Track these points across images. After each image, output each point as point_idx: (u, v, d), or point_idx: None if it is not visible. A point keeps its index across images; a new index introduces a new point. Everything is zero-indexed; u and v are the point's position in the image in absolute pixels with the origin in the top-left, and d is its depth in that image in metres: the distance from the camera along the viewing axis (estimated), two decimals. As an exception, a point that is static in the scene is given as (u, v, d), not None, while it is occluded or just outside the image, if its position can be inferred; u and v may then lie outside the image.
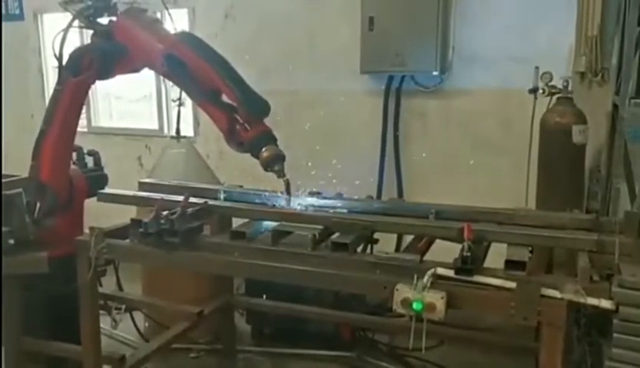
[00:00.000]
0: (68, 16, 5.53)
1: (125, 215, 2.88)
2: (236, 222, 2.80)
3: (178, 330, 3.44)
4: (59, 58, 2.87)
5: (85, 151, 3.34)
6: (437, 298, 2.03)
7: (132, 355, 3.16)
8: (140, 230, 2.49)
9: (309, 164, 4.98)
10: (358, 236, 2.38)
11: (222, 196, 2.87)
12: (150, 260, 2.77)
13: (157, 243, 2.48)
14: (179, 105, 4.75)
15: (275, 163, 2.61)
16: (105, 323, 4.26)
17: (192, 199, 2.70)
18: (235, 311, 4.09)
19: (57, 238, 2.79)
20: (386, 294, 2.13)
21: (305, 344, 4.02)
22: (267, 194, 2.85)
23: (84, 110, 5.84)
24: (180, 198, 2.65)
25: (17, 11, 5.90)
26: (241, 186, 3.24)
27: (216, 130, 5.38)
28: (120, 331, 4.27)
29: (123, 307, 4.18)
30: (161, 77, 5.49)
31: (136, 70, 2.91)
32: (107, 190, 3.07)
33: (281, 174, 2.61)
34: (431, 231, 2.38)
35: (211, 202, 2.71)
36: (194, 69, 2.56)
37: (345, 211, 2.68)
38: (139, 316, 4.21)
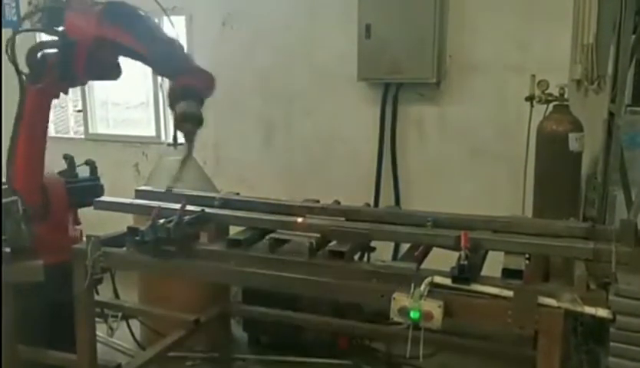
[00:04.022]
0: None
1: (124, 223, 2.87)
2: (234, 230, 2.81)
3: (174, 338, 3.43)
4: (14, 64, 2.81)
5: (85, 160, 3.32)
6: (435, 307, 2.03)
7: (128, 363, 3.15)
8: (137, 238, 2.48)
9: (307, 171, 5.00)
10: (355, 244, 2.38)
11: (218, 204, 2.87)
12: (146, 268, 2.76)
13: (154, 251, 2.47)
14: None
15: (187, 122, 2.40)
16: (101, 330, 4.28)
17: (189, 207, 2.69)
18: (232, 319, 4.08)
19: (40, 246, 2.77)
20: (383, 303, 2.12)
21: (302, 352, 4.00)
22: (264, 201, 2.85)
23: (80, 117, 5.91)
24: (177, 205, 2.64)
25: (14, 18, 5.89)
26: (237, 194, 3.24)
27: (212, 137, 5.46)
28: (116, 339, 4.27)
29: (120, 314, 4.18)
30: (158, 84, 5.51)
31: (100, 62, 2.78)
32: (103, 198, 3.06)
33: (190, 137, 2.42)
34: (428, 240, 2.38)
35: (208, 210, 2.70)
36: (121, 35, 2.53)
37: (342, 219, 2.69)
38: (135, 324, 4.20)
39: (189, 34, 5.27)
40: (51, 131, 6.17)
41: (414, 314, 2.03)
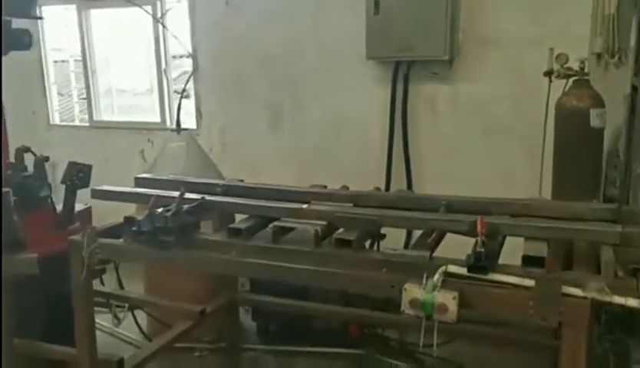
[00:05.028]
0: (69, 8, 5.46)
1: (127, 212, 2.73)
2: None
3: (180, 329, 3.34)
4: None
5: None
6: (449, 298, 1.88)
7: (134, 355, 3.05)
8: (134, 228, 2.37)
9: (315, 155, 4.85)
10: (364, 232, 2.24)
11: (220, 191, 2.74)
12: (143, 259, 2.65)
13: (151, 242, 2.35)
14: (182, 97, 4.63)
15: None
16: (108, 321, 4.20)
17: (189, 195, 2.56)
18: (240, 308, 3.98)
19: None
20: (394, 294, 1.99)
21: (312, 341, 3.90)
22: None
23: (84, 104, 5.80)
24: (177, 193, 2.51)
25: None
26: (241, 180, 3.10)
27: (219, 122, 5.32)
28: (122, 329, 4.19)
29: (127, 305, 4.09)
30: (162, 70, 5.37)
31: None
32: (100, 187, 2.94)
33: None
34: (441, 225, 2.22)
35: (208, 198, 2.56)
36: None
37: (350, 204, 2.54)
38: (142, 314, 4.11)
39: (191, 15, 5.11)
40: (56, 119, 6.09)
41: (426, 307, 1.89)
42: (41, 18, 3.16)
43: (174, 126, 4.32)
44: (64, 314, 2.64)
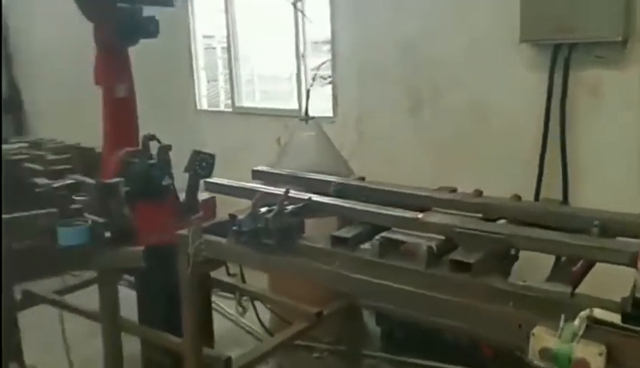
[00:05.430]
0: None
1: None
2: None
3: (297, 329, 3.23)
4: None
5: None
6: (593, 353, 1.45)
7: (243, 355, 2.96)
8: (234, 228, 2.21)
9: (456, 148, 4.41)
10: (488, 253, 1.84)
11: (333, 190, 2.49)
12: (245, 261, 2.50)
13: (251, 243, 2.18)
14: (312, 84, 4.47)
15: None
16: (233, 307, 4.21)
17: (297, 194, 2.35)
18: (364, 311, 3.75)
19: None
20: (520, 337, 1.60)
21: (439, 355, 3.54)
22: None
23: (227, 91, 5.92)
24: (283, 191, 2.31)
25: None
26: (363, 178, 2.82)
27: (355, 111, 5.08)
28: (247, 319, 4.17)
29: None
30: (300, 55, 5.26)
31: None
32: (212, 179, 2.85)
33: None
34: (590, 254, 1.75)
35: (315, 198, 2.33)
36: None
37: (479, 216, 2.15)
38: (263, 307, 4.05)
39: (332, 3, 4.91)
40: (204, 104, 6.30)
41: (561, 361, 1.48)
42: (172, 5, 3.13)
43: (308, 113, 4.18)
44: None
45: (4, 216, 2.39)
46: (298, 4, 5.09)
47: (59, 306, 3.33)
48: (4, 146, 3.77)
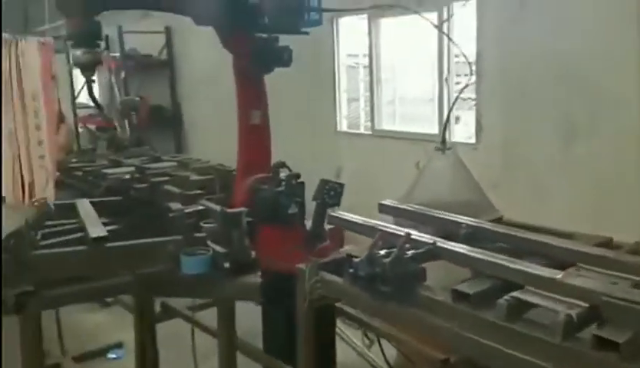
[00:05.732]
0: (362, 18, 5.56)
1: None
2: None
3: (424, 373, 3.01)
4: None
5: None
6: None
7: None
8: (350, 271, 2.09)
9: (618, 183, 3.90)
10: (641, 331, 1.52)
11: (464, 234, 2.27)
12: (361, 306, 2.36)
13: (368, 288, 2.04)
14: (451, 109, 4.24)
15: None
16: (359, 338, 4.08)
17: (420, 236, 2.18)
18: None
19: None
20: None
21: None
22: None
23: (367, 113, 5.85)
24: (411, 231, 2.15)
25: (316, 17, 6.11)
26: (500, 218, 2.56)
27: (500, 135, 4.74)
28: (372, 353, 4.02)
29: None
30: (443, 78, 5.04)
31: None
32: (336, 213, 2.76)
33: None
34: None
35: (440, 244, 2.13)
36: None
37: (637, 279, 1.81)
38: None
39: (479, 19, 4.66)
40: (343, 126, 6.31)
41: None
42: (306, 33, 3.15)
43: (448, 139, 3.94)
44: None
45: (140, 241, 2.51)
46: (444, 26, 4.88)
47: (191, 322, 3.45)
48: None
